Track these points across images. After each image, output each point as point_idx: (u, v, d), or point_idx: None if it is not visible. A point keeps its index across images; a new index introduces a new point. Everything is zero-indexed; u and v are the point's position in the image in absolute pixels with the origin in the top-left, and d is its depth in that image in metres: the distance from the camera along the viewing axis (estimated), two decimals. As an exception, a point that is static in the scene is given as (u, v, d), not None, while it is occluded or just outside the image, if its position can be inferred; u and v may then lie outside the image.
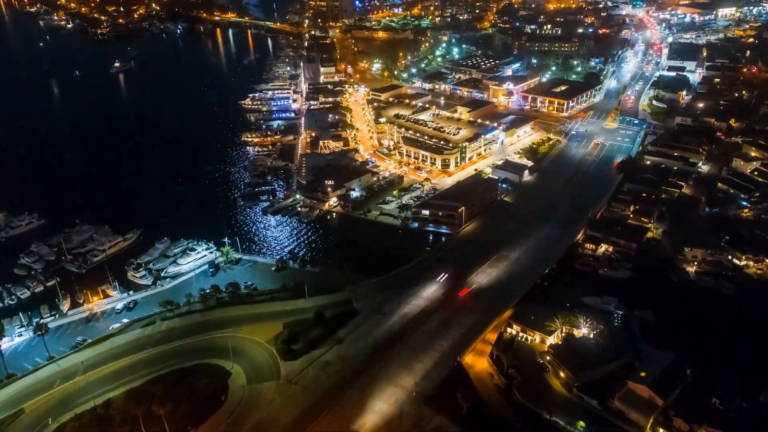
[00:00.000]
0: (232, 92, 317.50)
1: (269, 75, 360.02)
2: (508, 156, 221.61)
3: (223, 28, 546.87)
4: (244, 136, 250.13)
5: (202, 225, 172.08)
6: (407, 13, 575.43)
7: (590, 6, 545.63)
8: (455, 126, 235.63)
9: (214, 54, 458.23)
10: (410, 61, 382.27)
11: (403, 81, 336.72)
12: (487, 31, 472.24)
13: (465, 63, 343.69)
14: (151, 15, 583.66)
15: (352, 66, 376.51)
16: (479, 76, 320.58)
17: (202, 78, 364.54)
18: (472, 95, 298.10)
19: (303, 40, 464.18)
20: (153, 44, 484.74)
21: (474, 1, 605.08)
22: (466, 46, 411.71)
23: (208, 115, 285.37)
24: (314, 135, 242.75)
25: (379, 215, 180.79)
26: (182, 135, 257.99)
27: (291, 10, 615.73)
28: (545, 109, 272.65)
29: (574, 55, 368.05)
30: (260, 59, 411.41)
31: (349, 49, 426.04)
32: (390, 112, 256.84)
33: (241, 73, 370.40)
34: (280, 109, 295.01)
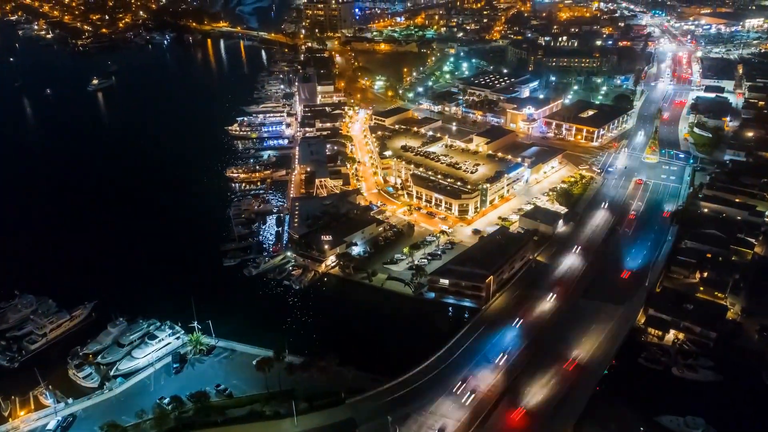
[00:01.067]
0: (219, 114, 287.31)
1: (261, 94, 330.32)
2: (535, 198, 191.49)
3: (214, 39, 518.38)
4: (229, 171, 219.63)
5: (169, 295, 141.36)
6: (410, 23, 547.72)
7: (606, 15, 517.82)
8: (472, 161, 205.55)
9: (204, 67, 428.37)
10: (416, 78, 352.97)
11: (408, 101, 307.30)
12: (497, 43, 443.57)
13: (477, 81, 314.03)
14: (138, 24, 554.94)
15: (352, 83, 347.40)
16: (494, 96, 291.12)
17: (188, 97, 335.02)
18: (488, 120, 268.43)
19: (299, 52, 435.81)
20: (138, 57, 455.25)
21: (481, 10, 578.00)
22: (476, 61, 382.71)
23: (191, 143, 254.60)
24: (310, 170, 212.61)
25: (387, 280, 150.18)
26: (159, 171, 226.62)
27: (287, 19, 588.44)
28: (572, 137, 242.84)
29: (597, 71, 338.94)
30: (252, 74, 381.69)
31: (349, 64, 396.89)
32: (396, 143, 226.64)
33: (230, 91, 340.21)
34: (272, 135, 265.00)
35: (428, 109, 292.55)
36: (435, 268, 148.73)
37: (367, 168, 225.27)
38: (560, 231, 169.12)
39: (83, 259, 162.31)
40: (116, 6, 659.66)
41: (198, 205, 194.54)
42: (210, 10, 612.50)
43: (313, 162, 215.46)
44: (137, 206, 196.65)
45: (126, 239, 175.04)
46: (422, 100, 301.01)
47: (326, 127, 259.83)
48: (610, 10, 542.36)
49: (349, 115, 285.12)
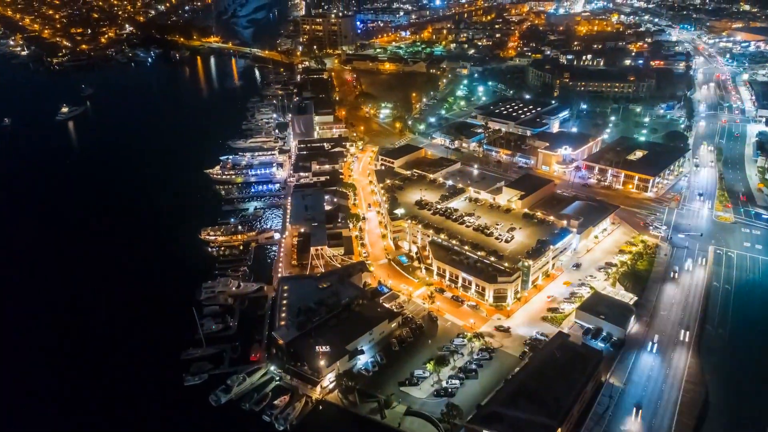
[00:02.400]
0: (202, 150, 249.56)
1: (251, 124, 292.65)
2: (589, 276, 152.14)
3: (203, 56, 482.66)
4: (205, 232, 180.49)
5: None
6: (416, 38, 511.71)
7: (630, 29, 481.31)
8: (505, 222, 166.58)
9: (190, 90, 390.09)
10: (426, 105, 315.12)
11: (419, 134, 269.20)
12: (513, 61, 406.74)
13: (498, 110, 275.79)
14: (121, 39, 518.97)
15: (355, 111, 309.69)
16: (518, 129, 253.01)
17: (168, 128, 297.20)
18: (514, 161, 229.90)
19: (295, 72, 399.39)
20: (118, 77, 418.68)
21: (492, 23, 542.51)
22: (492, 84, 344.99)
23: (165, 191, 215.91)
24: (303, 231, 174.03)
25: (406, 415, 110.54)
26: (120, 233, 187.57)
27: (283, 33, 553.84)
28: (620, 185, 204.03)
29: (633, 98, 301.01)
30: (243, 97, 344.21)
31: (350, 87, 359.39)
32: (409, 196, 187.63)
33: (217, 120, 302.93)
34: (261, 179, 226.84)
35: (442, 145, 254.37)
36: (472, 396, 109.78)
37: (374, 226, 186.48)
38: (634, 332, 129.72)
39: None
40: (101, 19, 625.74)
41: (161, 285, 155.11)
42: (201, 24, 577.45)
43: (308, 222, 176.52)
44: (80, 289, 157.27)
45: (62, 357, 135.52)
46: (435, 134, 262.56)
47: (324, 170, 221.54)
48: (634, 24, 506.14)
49: (351, 153, 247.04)
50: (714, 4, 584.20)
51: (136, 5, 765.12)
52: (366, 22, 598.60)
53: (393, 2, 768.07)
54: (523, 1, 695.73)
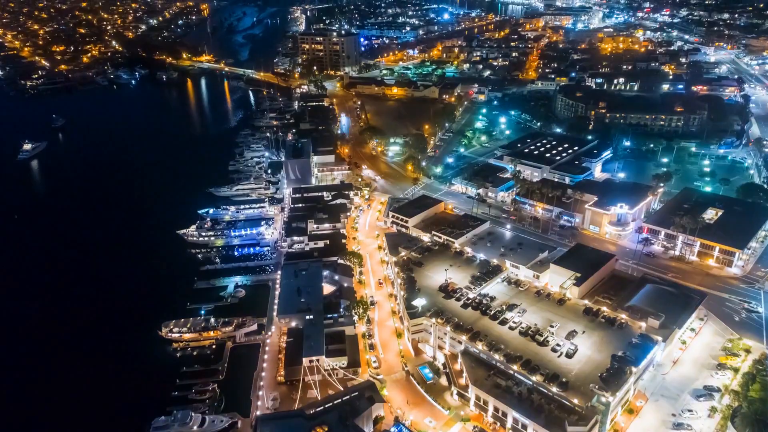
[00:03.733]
0: (178, 200, 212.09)
1: (239, 165, 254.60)
2: (685, 412, 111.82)
3: (193, 77, 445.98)
4: (166, 329, 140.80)
5: None
6: (425, 57, 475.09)
7: (662, 48, 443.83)
8: (559, 320, 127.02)
9: (175, 118, 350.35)
10: (441, 139, 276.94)
11: (434, 178, 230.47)
12: (535, 85, 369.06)
13: (526, 149, 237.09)
14: (105, 58, 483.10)
15: (360, 146, 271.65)
16: (554, 176, 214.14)
17: (142, 169, 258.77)
18: (554, 217, 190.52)
19: (292, 97, 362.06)
20: (96, 102, 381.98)
21: (507, 40, 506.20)
22: (515, 114, 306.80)
23: (122, 265, 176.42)
24: (294, 327, 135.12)
25: None
26: (59, 334, 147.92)
27: (281, 51, 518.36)
28: (692, 255, 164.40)
29: (682, 132, 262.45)
30: (234, 128, 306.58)
31: (354, 116, 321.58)
32: (429, 276, 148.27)
33: (201, 158, 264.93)
34: (246, 241, 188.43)
35: (464, 194, 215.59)
36: None
37: (385, 314, 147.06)
38: None
39: None
40: (88, 35, 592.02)
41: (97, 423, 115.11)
42: (193, 41, 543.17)
43: (302, 314, 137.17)
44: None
45: None
46: (454, 179, 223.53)
47: (323, 232, 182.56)
48: (665, 42, 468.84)
49: (356, 204, 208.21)
50: (745, 20, 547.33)
51: (128, 19, 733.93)
52: (370, 38, 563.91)
53: (398, 16, 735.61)
54: (537, 15, 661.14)
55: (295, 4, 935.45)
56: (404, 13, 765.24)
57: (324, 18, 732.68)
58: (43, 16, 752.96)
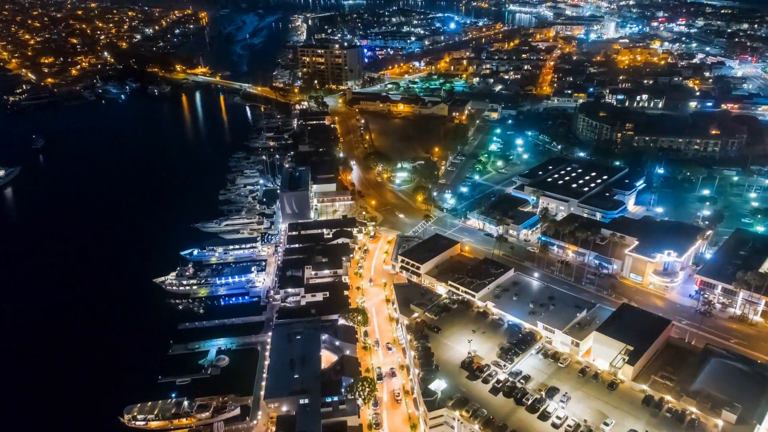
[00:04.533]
0: (161, 238, 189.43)
1: (231, 194, 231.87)
2: None
3: (187, 91, 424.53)
4: (128, 415, 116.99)
5: None
6: (431, 69, 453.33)
7: (683, 61, 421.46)
8: (613, 412, 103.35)
9: (164, 138, 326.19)
10: (453, 163, 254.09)
11: (447, 210, 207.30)
12: (551, 101, 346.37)
13: (549, 178, 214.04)
14: (95, 71, 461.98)
15: (364, 172, 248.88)
16: (584, 211, 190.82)
17: (123, 198, 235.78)
18: (588, 262, 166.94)
19: (291, 114, 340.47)
20: (82, 119, 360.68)
21: (518, 51, 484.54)
22: (532, 135, 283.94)
23: (92, 322, 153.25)
24: (285, 414, 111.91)
25: None
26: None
27: (280, 62, 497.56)
28: (756, 315, 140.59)
29: (720, 158, 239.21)
30: (228, 149, 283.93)
31: (358, 136, 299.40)
32: (449, 346, 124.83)
33: (190, 185, 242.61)
34: (233, 291, 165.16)
35: (481, 230, 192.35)
36: None
37: (396, 386, 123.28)
38: None
39: None
40: (80, 45, 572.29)
41: None
42: (189, 52, 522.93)
43: (294, 399, 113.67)
44: None
45: None
46: (470, 213, 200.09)
47: (322, 280, 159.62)
48: (686, 55, 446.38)
49: (360, 243, 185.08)
50: (766, 30, 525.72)
51: (123, 28, 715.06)
52: (374, 49, 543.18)
53: (403, 26, 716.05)
54: (547, 25, 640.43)
55: (297, 13, 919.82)
56: (409, 22, 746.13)
57: (326, 27, 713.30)
58: (36, 25, 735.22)
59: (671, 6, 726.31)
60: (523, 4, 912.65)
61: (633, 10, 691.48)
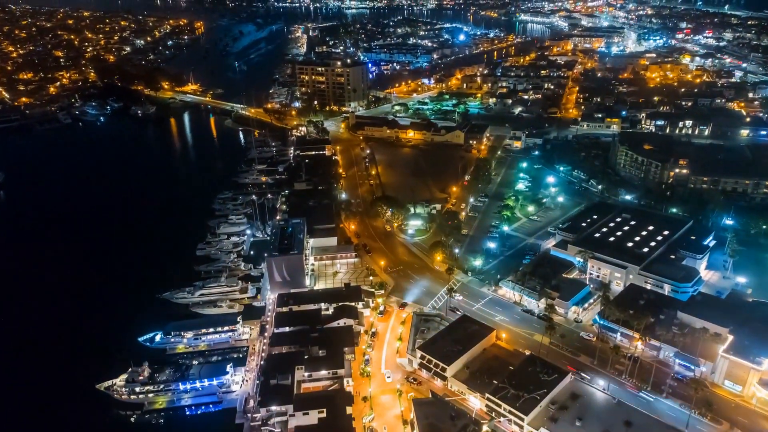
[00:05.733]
0: (115, 324, 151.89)
1: (210, 249, 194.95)
2: None
3: (174, 112, 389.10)
4: None
5: None
6: (442, 87, 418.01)
7: (722, 79, 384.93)
8: None
9: (142, 170, 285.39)
10: (474, 206, 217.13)
11: (473, 274, 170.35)
12: (581, 126, 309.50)
13: (596, 233, 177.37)
14: (75, 88, 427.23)
15: (370, 219, 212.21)
16: (646, 281, 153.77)
17: (77, 263, 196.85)
18: (661, 358, 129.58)
19: (288, 141, 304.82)
20: (53, 145, 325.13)
21: (536, 67, 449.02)
22: (564, 170, 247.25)
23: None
24: None
25: None
26: None
27: (278, 77, 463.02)
28: None
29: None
30: (212, 187, 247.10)
31: (362, 169, 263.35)
32: None
33: (163, 237, 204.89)
34: (202, 397, 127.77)
35: (517, 303, 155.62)
36: None
37: None
38: None
39: None
40: (64, 58, 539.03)
41: None
42: (180, 67, 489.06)
43: None
44: None
45: None
46: (503, 281, 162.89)
47: (318, 383, 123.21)
48: (724, 72, 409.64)
49: (366, 323, 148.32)
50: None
51: (112, 39, 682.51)
52: (379, 64, 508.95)
53: (408, 37, 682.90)
54: (564, 37, 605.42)
55: (297, 22, 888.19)
56: (415, 33, 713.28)
57: (327, 39, 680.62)
58: (23, 36, 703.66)
59: (693, 16, 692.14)
60: (534, 14, 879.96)
61: (654, 20, 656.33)
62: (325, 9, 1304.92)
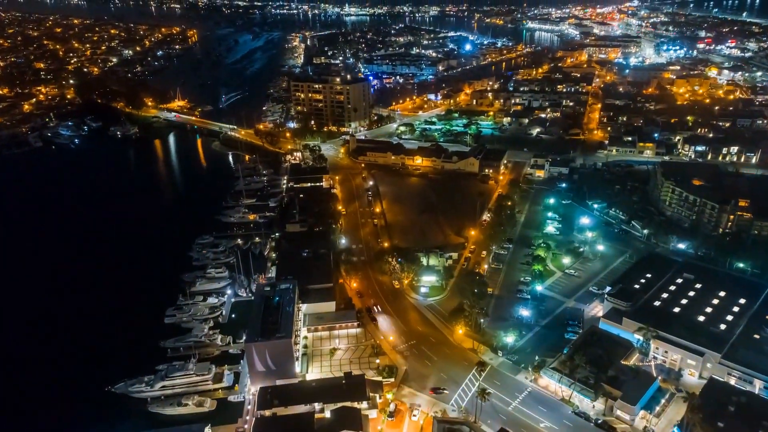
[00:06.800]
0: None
1: (181, 317, 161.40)
2: None
3: (158, 132, 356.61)
4: None
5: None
6: (450, 104, 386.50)
7: (759, 96, 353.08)
8: None
9: (114, 208, 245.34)
10: (497, 261, 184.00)
11: (505, 357, 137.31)
12: (609, 152, 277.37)
13: (656, 301, 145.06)
14: (53, 105, 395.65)
15: (375, 271, 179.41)
16: (729, 374, 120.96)
17: (15, 344, 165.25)
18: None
19: (280, 168, 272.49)
20: (18, 175, 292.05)
21: (550, 81, 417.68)
22: (599, 207, 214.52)
23: None
24: None
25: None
26: None
27: (272, 93, 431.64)
28: None
29: None
30: (192, 228, 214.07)
31: (364, 202, 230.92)
32: None
33: (121, 309, 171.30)
34: None
35: (564, 401, 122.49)
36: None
37: None
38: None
39: None
40: (45, 71, 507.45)
41: None
42: (161, 83, 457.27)
43: None
44: None
45: None
46: (544, 371, 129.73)
47: None
48: (762, 88, 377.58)
49: (373, 427, 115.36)
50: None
51: (100, 49, 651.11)
52: (380, 76, 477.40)
53: (411, 46, 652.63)
54: (576, 47, 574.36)
55: (295, 31, 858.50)
56: (418, 42, 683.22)
57: (326, 48, 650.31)
58: (6, 46, 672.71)
59: (711, 24, 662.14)
60: (543, 22, 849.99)
61: (670, 28, 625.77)
62: (323, 16, 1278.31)
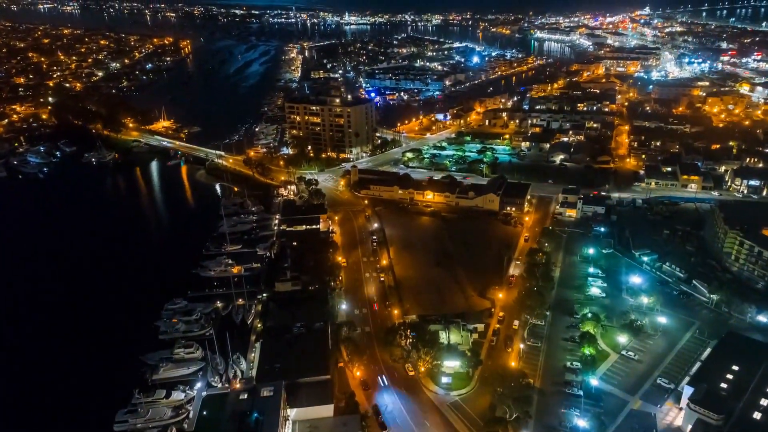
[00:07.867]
0: None
1: (134, 422, 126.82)
2: None
3: (139, 158, 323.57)
4: None
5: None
6: (460, 125, 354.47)
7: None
8: None
9: (75, 259, 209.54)
10: (533, 334, 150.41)
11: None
12: (648, 185, 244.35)
13: (758, 414, 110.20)
14: (23, 129, 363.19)
15: (380, 348, 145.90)
16: None
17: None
18: None
19: (272, 206, 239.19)
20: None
21: (569, 99, 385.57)
22: (649, 260, 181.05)
23: None
24: None
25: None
26: None
27: (267, 111, 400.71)
28: None
29: None
30: (160, 295, 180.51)
31: (367, 250, 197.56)
32: None
33: (59, 406, 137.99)
34: None
35: None
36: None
37: None
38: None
39: None
40: (24, 86, 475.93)
41: None
42: (144, 102, 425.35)
43: None
44: None
45: None
46: None
47: None
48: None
49: None
50: None
51: (86, 62, 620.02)
52: (383, 92, 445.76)
53: (415, 58, 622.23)
54: (592, 59, 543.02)
55: (293, 41, 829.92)
56: (422, 54, 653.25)
57: (325, 61, 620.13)
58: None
59: (730, 34, 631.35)
60: (552, 31, 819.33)
61: (689, 39, 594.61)
62: (323, 25, 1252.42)
